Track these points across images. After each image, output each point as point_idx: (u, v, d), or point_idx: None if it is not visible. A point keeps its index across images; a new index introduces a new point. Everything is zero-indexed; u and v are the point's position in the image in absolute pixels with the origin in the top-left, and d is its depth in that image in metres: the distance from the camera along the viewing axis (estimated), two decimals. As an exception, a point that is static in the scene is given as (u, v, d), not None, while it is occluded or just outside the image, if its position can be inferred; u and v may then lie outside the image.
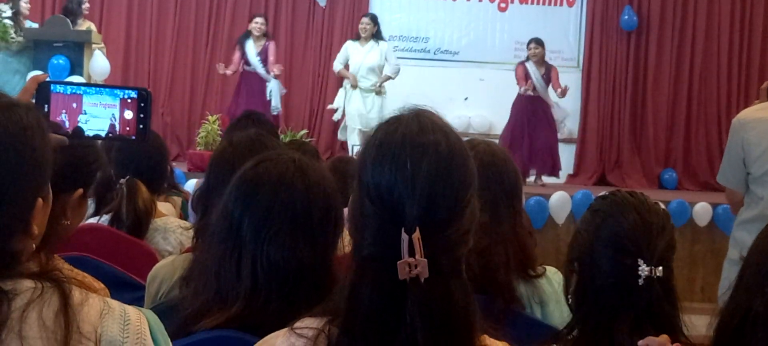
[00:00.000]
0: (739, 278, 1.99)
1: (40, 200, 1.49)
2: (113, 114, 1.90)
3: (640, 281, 2.09)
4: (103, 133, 1.90)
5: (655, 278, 2.09)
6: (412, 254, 1.51)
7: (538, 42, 10.74)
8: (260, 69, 10.58)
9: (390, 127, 1.61)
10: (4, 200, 1.43)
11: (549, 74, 10.69)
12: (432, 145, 1.57)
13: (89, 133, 1.89)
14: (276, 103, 10.61)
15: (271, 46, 10.72)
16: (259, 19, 10.69)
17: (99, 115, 1.89)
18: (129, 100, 1.90)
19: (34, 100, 1.81)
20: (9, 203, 1.43)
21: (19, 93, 1.78)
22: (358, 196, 1.61)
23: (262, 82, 10.63)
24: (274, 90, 10.64)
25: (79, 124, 1.88)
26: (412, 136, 1.58)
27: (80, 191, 2.14)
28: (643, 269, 2.09)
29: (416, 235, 1.51)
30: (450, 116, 11.28)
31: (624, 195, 2.24)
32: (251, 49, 10.61)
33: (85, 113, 1.88)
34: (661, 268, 2.09)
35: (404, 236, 1.52)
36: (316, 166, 2.11)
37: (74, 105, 1.87)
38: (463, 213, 1.58)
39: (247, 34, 10.68)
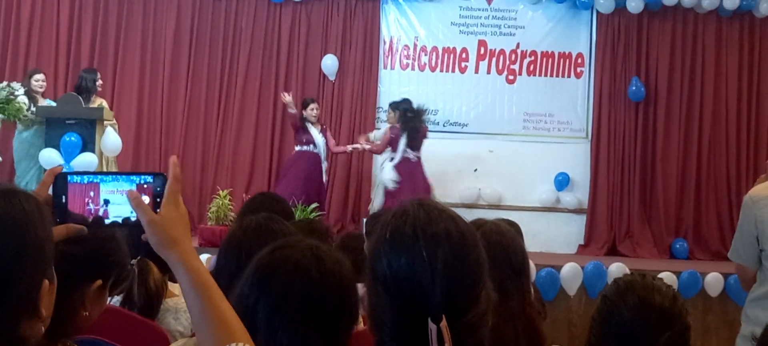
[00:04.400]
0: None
1: (45, 282, 1.52)
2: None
3: None
4: (120, 219, 1.87)
5: None
6: (441, 342, 1.53)
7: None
8: (322, 149, 11.13)
9: (398, 220, 1.64)
10: (9, 283, 1.46)
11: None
12: (444, 233, 1.60)
13: (108, 220, 1.89)
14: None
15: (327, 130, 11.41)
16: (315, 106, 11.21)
17: (118, 202, 1.89)
18: (145, 186, 1.88)
19: (51, 192, 1.83)
20: (14, 286, 1.46)
21: (37, 187, 1.80)
22: (372, 288, 1.63)
23: (318, 162, 11.11)
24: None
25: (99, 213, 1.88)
26: (423, 226, 1.61)
27: (99, 282, 2.15)
28: None
29: (443, 323, 1.53)
30: (460, 188, 11.45)
31: (630, 279, 2.25)
32: (314, 130, 11.10)
33: (106, 202, 1.88)
34: None
35: (431, 326, 1.53)
36: (334, 255, 2.10)
37: (92, 193, 1.88)
38: (480, 295, 1.60)
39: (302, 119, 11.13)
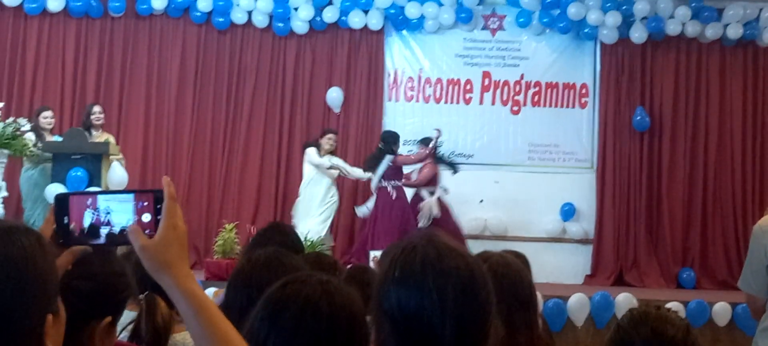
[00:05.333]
0: None
1: (50, 315, 1.52)
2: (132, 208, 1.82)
3: None
4: (125, 225, 1.79)
5: None
6: None
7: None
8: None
9: (408, 256, 1.64)
10: (12, 320, 1.46)
11: None
12: (454, 269, 1.61)
13: (113, 228, 1.82)
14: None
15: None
16: None
17: (119, 210, 1.82)
18: (145, 204, 1.83)
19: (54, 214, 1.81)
20: (17, 322, 1.47)
21: (43, 225, 1.80)
22: (380, 323, 1.63)
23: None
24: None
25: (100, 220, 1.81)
26: (433, 262, 1.61)
27: (109, 318, 2.16)
28: None
29: None
30: (465, 219, 11.41)
31: (644, 310, 2.26)
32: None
33: (108, 211, 1.85)
34: None
35: None
36: (344, 290, 2.06)
37: (89, 201, 1.82)
38: (488, 332, 1.61)
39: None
